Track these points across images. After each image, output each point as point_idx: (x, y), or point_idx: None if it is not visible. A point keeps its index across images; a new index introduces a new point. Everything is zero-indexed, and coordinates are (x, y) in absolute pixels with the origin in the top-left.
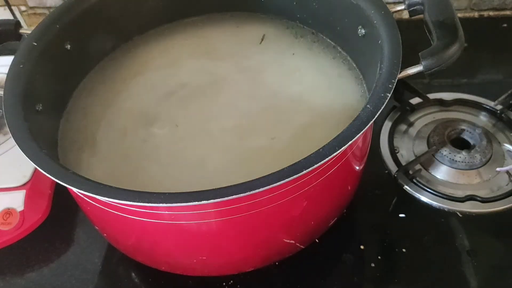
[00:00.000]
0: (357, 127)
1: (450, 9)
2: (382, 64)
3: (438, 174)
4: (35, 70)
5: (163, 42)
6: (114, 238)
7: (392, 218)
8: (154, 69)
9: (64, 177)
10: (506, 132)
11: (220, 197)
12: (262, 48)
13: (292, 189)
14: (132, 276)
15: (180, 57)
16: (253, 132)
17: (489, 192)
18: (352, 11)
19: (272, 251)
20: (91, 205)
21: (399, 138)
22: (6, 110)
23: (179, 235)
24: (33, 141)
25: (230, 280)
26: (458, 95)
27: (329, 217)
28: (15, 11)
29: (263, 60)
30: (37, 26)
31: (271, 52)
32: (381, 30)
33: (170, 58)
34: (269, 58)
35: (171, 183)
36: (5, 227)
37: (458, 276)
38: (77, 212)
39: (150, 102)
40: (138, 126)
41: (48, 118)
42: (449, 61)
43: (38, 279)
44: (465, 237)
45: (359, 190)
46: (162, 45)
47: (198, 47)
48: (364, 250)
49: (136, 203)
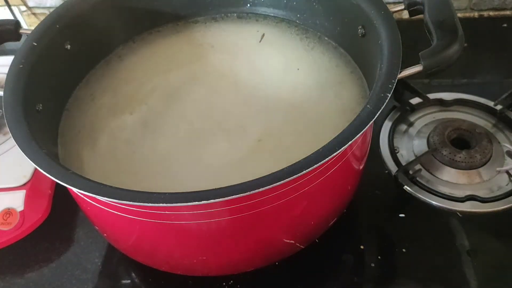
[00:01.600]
0: (357, 127)
1: (450, 9)
2: (382, 64)
3: (438, 174)
4: (35, 70)
5: (163, 42)
6: (114, 238)
7: (392, 218)
8: (154, 69)
9: (64, 177)
10: (506, 132)
11: (220, 197)
12: (261, 47)
13: (292, 189)
14: (132, 276)
15: (181, 56)
16: (252, 132)
17: (489, 192)
18: (352, 11)
19: (272, 251)
20: (91, 205)
21: (399, 138)
22: (6, 110)
23: (179, 235)
24: (33, 141)
25: (230, 280)
26: (458, 95)
27: (329, 217)
28: (15, 11)
29: (262, 59)
30: (37, 26)
31: (270, 51)
32: (381, 30)
33: (170, 57)
34: (269, 58)
35: (171, 183)
36: (5, 227)
37: (458, 276)
38: (77, 212)
39: (150, 102)
40: (138, 126)
41: (48, 118)
42: (449, 61)
43: (38, 279)
44: (465, 237)
45: (359, 190)
46: (162, 44)
47: (199, 47)
48: (364, 250)
49: (136, 203)
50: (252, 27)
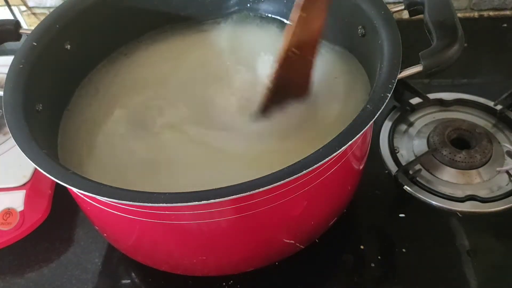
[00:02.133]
0: (357, 127)
1: (450, 9)
2: (382, 64)
3: (438, 174)
4: (35, 70)
5: (163, 41)
6: (114, 238)
7: (392, 218)
8: (154, 69)
9: (64, 177)
10: (506, 132)
11: (220, 197)
12: (261, 47)
13: (292, 189)
14: (132, 276)
15: (181, 56)
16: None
17: (489, 192)
18: (352, 11)
19: (272, 251)
20: (91, 205)
21: (399, 138)
22: (6, 110)
23: (179, 235)
24: (33, 141)
25: (230, 280)
26: (458, 95)
27: (329, 217)
28: (15, 11)
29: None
30: (37, 26)
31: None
32: (381, 30)
33: (171, 57)
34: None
35: (171, 183)
36: (5, 227)
37: (458, 276)
38: (77, 212)
39: (150, 102)
40: (138, 126)
41: (48, 118)
42: (449, 61)
43: (38, 279)
44: (465, 237)
45: (359, 190)
46: (162, 44)
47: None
48: (364, 250)
49: (136, 203)
50: (252, 27)
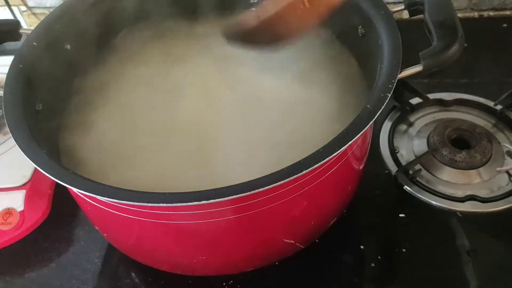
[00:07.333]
0: (357, 127)
1: (450, 9)
2: (382, 64)
3: (438, 174)
4: (35, 70)
5: (163, 41)
6: (114, 238)
7: (392, 218)
8: (154, 69)
9: (64, 177)
10: (506, 132)
11: (220, 197)
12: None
13: (292, 189)
14: (132, 276)
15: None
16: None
17: (489, 192)
18: (352, 11)
19: (272, 251)
20: (91, 205)
21: (399, 138)
22: (6, 110)
23: (179, 235)
24: (33, 141)
25: (230, 280)
26: (458, 95)
27: (329, 217)
28: (15, 11)
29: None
30: (37, 26)
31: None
32: (381, 30)
33: (170, 57)
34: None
35: (171, 183)
36: (5, 227)
37: (458, 276)
38: (77, 212)
39: (150, 101)
40: (138, 125)
41: (48, 118)
42: (449, 61)
43: (38, 279)
44: (465, 237)
45: (359, 190)
46: (162, 44)
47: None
48: (364, 250)
49: (136, 203)
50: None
